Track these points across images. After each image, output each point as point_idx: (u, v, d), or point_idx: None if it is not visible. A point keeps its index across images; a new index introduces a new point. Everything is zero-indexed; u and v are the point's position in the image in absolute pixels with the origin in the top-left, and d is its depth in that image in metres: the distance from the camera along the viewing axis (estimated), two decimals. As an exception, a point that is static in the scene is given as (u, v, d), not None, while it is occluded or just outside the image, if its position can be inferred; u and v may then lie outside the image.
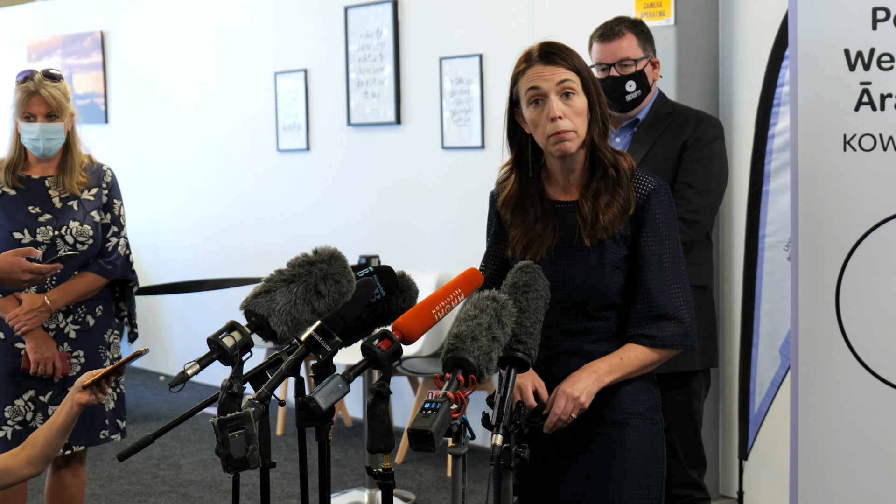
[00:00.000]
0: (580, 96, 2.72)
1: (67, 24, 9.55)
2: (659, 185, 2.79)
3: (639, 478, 2.79)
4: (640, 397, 2.82)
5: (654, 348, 2.76)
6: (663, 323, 2.75)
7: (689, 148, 3.80)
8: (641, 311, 2.76)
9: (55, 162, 4.13)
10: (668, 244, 2.77)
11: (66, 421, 2.83)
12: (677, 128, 3.83)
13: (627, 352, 2.76)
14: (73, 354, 4.08)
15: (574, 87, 2.71)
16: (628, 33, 3.83)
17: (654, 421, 2.85)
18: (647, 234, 2.76)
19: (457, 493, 2.47)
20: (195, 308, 8.47)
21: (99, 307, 4.18)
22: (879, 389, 3.53)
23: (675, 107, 3.93)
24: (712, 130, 3.85)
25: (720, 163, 3.86)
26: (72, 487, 4.16)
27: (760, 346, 4.51)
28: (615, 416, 2.80)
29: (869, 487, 3.57)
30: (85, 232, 4.05)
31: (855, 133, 3.54)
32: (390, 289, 2.72)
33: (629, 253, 2.77)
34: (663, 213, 2.77)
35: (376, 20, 7.03)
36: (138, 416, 7.50)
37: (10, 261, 3.78)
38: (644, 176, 2.80)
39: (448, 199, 6.77)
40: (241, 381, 2.44)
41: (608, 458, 2.79)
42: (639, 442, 2.80)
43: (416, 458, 6.33)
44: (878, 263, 3.54)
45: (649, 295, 2.75)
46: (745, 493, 4.88)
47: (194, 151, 8.49)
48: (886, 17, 3.51)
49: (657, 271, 2.75)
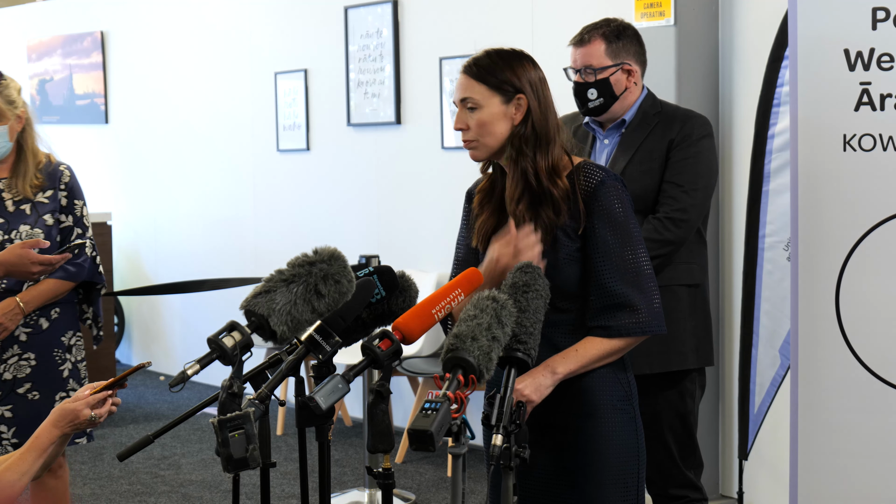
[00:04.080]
0: (484, 109, 2.82)
1: (67, 24, 9.55)
2: (607, 176, 2.83)
3: (613, 469, 2.82)
4: (609, 388, 2.84)
5: (611, 338, 2.79)
6: (618, 312, 2.78)
7: (676, 147, 3.79)
8: (596, 301, 2.80)
9: (8, 164, 4.03)
10: (621, 233, 2.79)
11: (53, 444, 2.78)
12: (664, 127, 3.82)
13: (584, 343, 2.79)
14: (23, 357, 4.00)
15: (476, 103, 2.82)
16: (596, 41, 3.82)
17: (626, 411, 2.86)
18: (596, 226, 2.79)
19: (457, 493, 2.48)
20: (195, 308, 8.47)
21: (55, 310, 4.06)
22: (879, 389, 3.54)
23: (664, 106, 3.91)
24: (699, 129, 3.83)
25: (708, 161, 3.84)
26: (55, 490, 4.08)
27: (760, 346, 4.51)
28: (584, 408, 2.82)
29: (869, 487, 3.57)
30: (35, 235, 3.98)
31: (855, 133, 3.54)
32: (390, 289, 2.72)
33: (582, 244, 2.81)
34: (612, 204, 2.80)
35: (376, 20, 7.03)
36: (138, 416, 7.50)
37: (18, 253, 3.77)
38: (591, 168, 2.84)
39: (448, 199, 6.77)
40: (241, 381, 2.44)
41: (581, 451, 2.81)
42: (611, 433, 2.82)
43: (416, 458, 6.33)
44: (878, 263, 3.54)
45: (602, 285, 2.79)
46: (744, 492, 4.88)
47: (194, 151, 8.49)
48: (886, 17, 3.51)
49: (609, 261, 2.79)
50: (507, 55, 2.87)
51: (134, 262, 9.09)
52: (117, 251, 8.64)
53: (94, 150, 9.43)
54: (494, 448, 2.39)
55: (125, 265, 9.09)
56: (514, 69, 2.84)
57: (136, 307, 9.08)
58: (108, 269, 7.56)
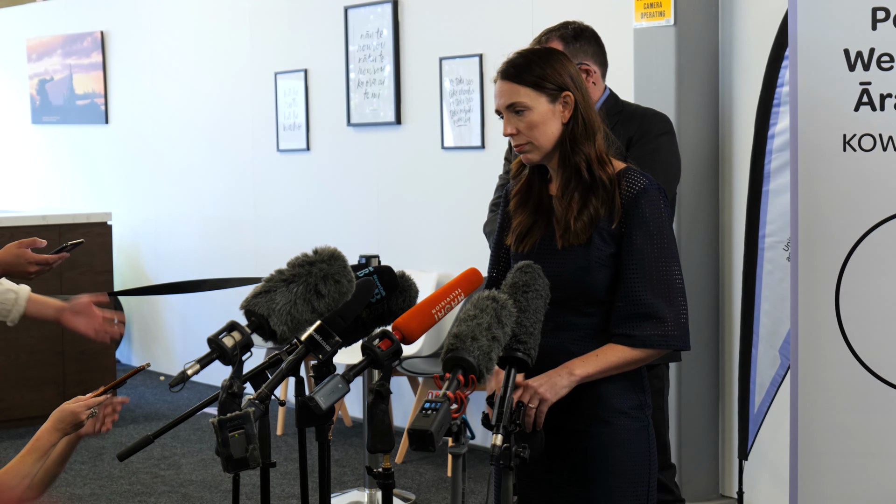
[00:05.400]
0: (533, 110, 2.80)
1: (67, 24, 9.55)
2: (650, 184, 2.79)
3: (623, 476, 2.80)
4: (624, 395, 2.82)
5: (634, 348, 2.75)
6: (644, 322, 2.74)
7: (634, 144, 3.75)
8: (623, 309, 2.76)
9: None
10: (657, 243, 2.76)
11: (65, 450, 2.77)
12: (623, 126, 3.78)
13: (605, 349, 2.76)
14: None
15: (524, 105, 2.81)
16: (553, 42, 3.81)
17: (639, 419, 2.84)
18: (634, 233, 2.76)
19: (457, 493, 2.47)
20: (195, 308, 8.47)
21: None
22: (879, 389, 3.54)
23: (625, 106, 3.89)
24: (658, 125, 3.80)
25: (668, 157, 3.80)
26: None
27: (760, 346, 4.51)
28: (600, 413, 2.80)
29: (868, 487, 3.57)
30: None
31: (855, 133, 3.54)
32: (390, 289, 2.72)
33: (616, 251, 2.78)
34: (652, 213, 2.77)
35: (376, 20, 7.03)
36: (138, 416, 7.50)
37: (14, 253, 3.77)
38: (635, 175, 2.81)
39: (448, 199, 6.77)
40: (241, 381, 2.44)
41: (593, 457, 2.80)
42: (623, 440, 2.80)
43: (416, 458, 6.33)
44: (878, 263, 3.54)
45: (631, 293, 2.75)
46: (744, 492, 4.88)
47: (194, 151, 8.49)
48: (886, 17, 3.52)
49: (641, 270, 2.75)
50: (543, 54, 2.85)
51: (134, 262, 9.08)
52: (117, 251, 8.63)
53: (94, 150, 9.43)
54: (494, 448, 2.39)
55: (125, 265, 9.09)
56: (554, 67, 2.81)
57: (136, 307, 9.07)
58: (108, 269, 7.56)
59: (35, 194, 10.07)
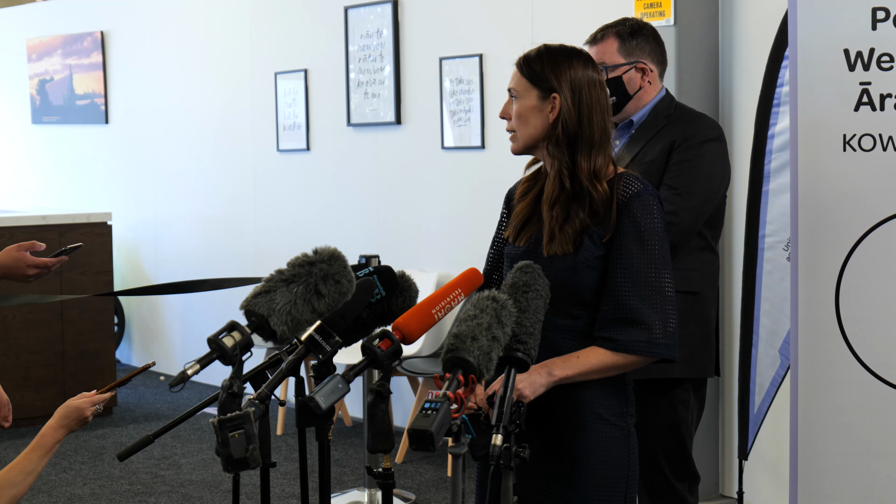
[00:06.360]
0: (522, 100, 2.82)
1: (67, 24, 9.55)
2: (645, 189, 2.76)
3: (599, 484, 2.76)
4: (605, 401, 2.78)
5: (615, 352, 2.71)
6: (629, 328, 2.70)
7: (676, 149, 3.66)
8: (608, 312, 2.73)
9: None
10: (648, 249, 2.72)
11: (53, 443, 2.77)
12: (670, 129, 3.70)
13: (587, 352, 2.73)
14: None
15: (517, 93, 2.83)
16: (609, 39, 3.74)
17: (619, 427, 2.80)
18: (624, 237, 2.73)
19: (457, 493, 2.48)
20: (195, 308, 8.47)
21: None
22: (879, 389, 3.54)
23: (678, 108, 3.79)
24: (703, 132, 3.70)
25: (711, 165, 3.69)
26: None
27: (760, 346, 4.51)
28: (577, 418, 2.76)
29: (869, 487, 3.57)
30: None
31: (855, 133, 3.54)
32: (390, 289, 2.72)
33: (605, 253, 2.75)
34: (644, 218, 2.73)
35: (376, 20, 7.03)
36: (138, 415, 7.51)
37: (13, 256, 3.77)
38: (630, 179, 2.78)
39: (448, 200, 6.78)
40: (241, 381, 2.44)
41: (567, 461, 2.77)
42: (599, 447, 2.76)
43: (416, 458, 6.33)
44: (878, 263, 3.54)
45: (617, 297, 2.71)
46: (744, 492, 4.88)
47: (194, 151, 8.49)
48: (886, 17, 3.51)
49: (629, 274, 2.71)
50: (554, 51, 2.82)
51: (134, 262, 9.09)
52: (117, 251, 8.64)
53: (94, 150, 9.43)
54: (494, 448, 2.39)
55: (125, 265, 9.09)
56: (554, 67, 2.79)
57: (136, 307, 9.08)
58: (108, 269, 7.56)
59: (35, 194, 10.07)
